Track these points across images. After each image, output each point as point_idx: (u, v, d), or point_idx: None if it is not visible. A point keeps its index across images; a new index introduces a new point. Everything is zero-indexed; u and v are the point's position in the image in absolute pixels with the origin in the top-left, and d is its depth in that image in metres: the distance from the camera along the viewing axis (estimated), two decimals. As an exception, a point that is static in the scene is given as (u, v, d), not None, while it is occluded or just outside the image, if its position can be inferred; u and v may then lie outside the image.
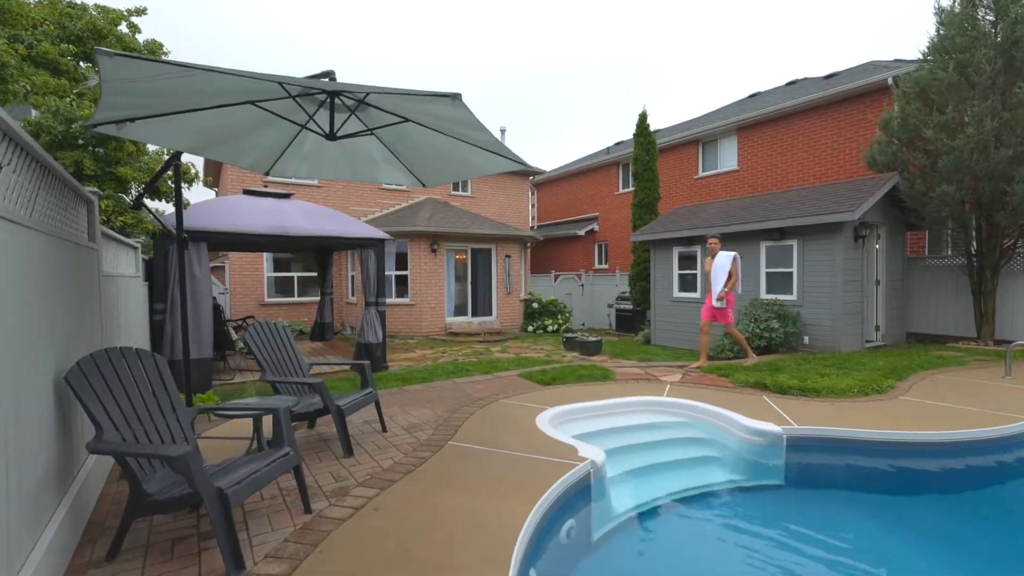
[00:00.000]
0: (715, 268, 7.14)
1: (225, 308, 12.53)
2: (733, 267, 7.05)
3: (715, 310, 7.21)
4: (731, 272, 7.04)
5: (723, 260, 7.12)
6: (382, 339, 8.12)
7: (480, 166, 4.04)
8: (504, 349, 10.71)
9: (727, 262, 7.08)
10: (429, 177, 4.61)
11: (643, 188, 13.49)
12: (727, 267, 7.06)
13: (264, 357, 3.72)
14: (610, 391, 5.52)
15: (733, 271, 7.05)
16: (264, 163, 4.25)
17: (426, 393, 5.57)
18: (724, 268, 7.07)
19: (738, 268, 7.14)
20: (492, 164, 3.89)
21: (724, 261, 7.11)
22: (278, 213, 7.74)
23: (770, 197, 10.11)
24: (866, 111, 11.76)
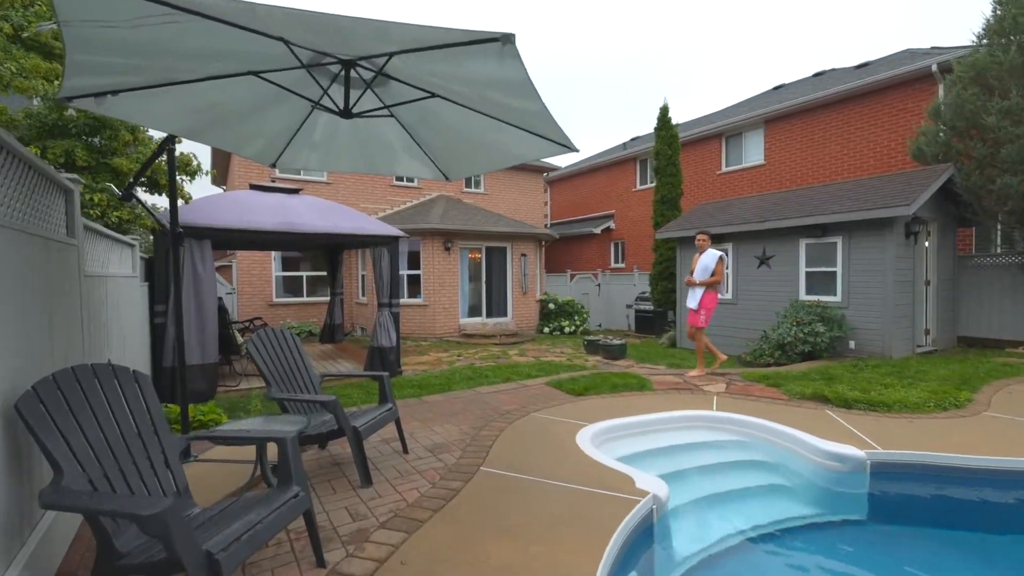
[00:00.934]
0: (699, 266, 6.59)
1: (232, 308, 12.13)
2: (718, 267, 6.47)
3: (690, 311, 6.70)
4: (715, 271, 6.46)
5: (708, 259, 6.53)
6: (396, 343, 7.64)
7: (517, 152, 3.51)
8: (522, 352, 10.20)
9: (711, 262, 6.48)
10: (454, 167, 4.10)
11: (665, 183, 12.90)
12: (711, 267, 6.47)
13: (270, 370, 3.23)
14: (650, 403, 4.99)
15: (717, 271, 6.47)
16: (270, 152, 3.76)
17: (448, 405, 5.06)
18: (707, 268, 6.49)
19: (723, 269, 6.59)
20: (531, 148, 3.35)
21: (708, 260, 6.52)
22: (287, 209, 7.28)
23: (807, 192, 9.50)
24: (906, 100, 11.09)
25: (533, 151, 3.42)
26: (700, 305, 6.53)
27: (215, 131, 3.28)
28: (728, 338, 9.57)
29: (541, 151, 3.39)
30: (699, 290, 6.56)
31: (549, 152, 3.37)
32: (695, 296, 6.60)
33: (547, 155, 3.45)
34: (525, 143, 3.33)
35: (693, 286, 6.62)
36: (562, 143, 3.12)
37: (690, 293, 6.71)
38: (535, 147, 3.33)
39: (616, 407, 4.85)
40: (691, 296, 6.68)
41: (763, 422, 4.24)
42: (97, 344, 3.33)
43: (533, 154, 3.47)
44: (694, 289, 6.62)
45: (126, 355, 4.37)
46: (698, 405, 4.86)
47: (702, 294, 6.52)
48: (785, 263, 8.67)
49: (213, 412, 4.47)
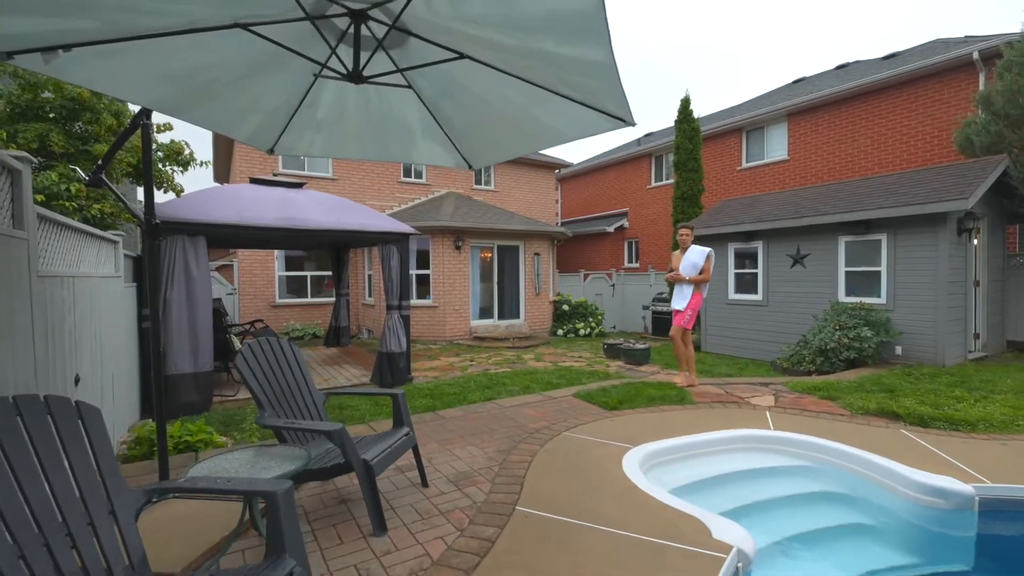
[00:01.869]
0: (685, 264, 5.99)
1: (233, 310, 11.64)
2: (707, 265, 5.90)
3: (676, 312, 6.10)
4: (703, 269, 5.89)
5: (695, 256, 5.94)
6: (406, 348, 7.11)
7: (559, 130, 2.93)
8: (538, 357, 9.64)
9: (699, 259, 5.90)
10: (480, 152, 3.55)
11: (686, 179, 12.29)
12: (699, 264, 5.89)
13: (263, 390, 2.68)
14: (695, 420, 4.42)
15: (706, 269, 5.90)
16: (267, 134, 3.22)
17: (468, 422, 4.50)
18: (695, 266, 5.90)
19: (711, 267, 5.99)
20: (578, 125, 2.78)
21: (696, 258, 5.93)
22: (289, 204, 6.76)
23: (844, 186, 8.89)
24: (942, 91, 10.47)
25: (579, 128, 2.84)
26: (688, 305, 5.94)
27: (200, 105, 2.73)
28: (757, 342, 8.99)
29: (589, 127, 2.80)
30: (687, 289, 5.94)
31: (598, 128, 2.78)
32: (683, 296, 6.00)
33: (594, 132, 2.86)
34: (571, 118, 2.77)
35: (680, 282, 6.01)
36: (617, 116, 2.57)
37: (677, 293, 6.11)
38: (583, 123, 2.76)
39: (658, 424, 4.29)
40: (678, 296, 6.08)
41: (835, 445, 3.66)
42: (58, 356, 2.81)
43: (578, 132, 2.89)
44: (681, 289, 6.02)
45: (103, 366, 3.84)
46: (751, 422, 4.29)
47: (691, 294, 5.93)
48: (821, 262, 8.07)
49: (203, 431, 3.94)
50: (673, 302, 6.15)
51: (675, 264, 6.18)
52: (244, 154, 11.83)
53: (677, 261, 6.16)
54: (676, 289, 6.12)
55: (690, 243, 6.08)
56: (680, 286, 6.06)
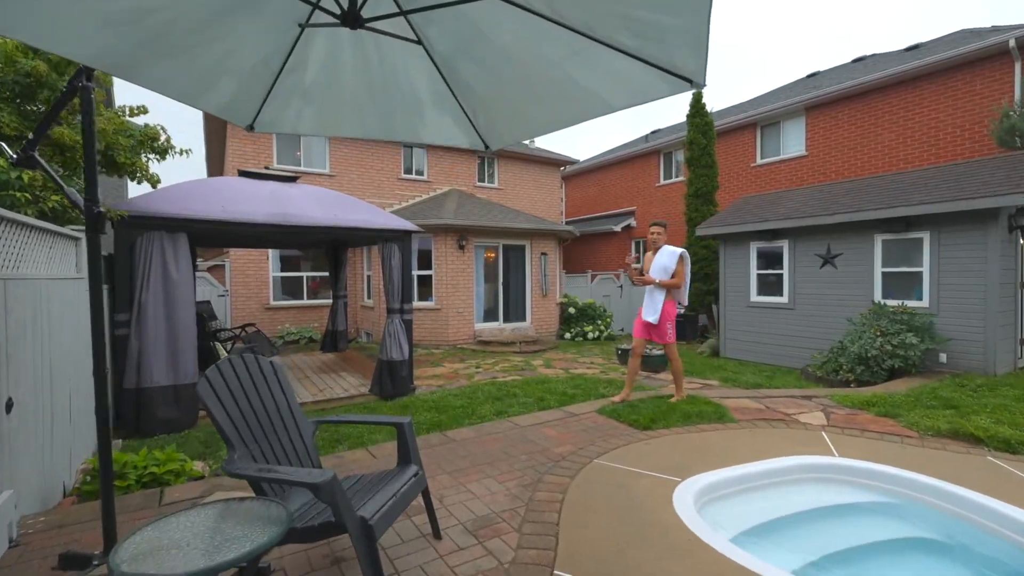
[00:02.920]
0: (655, 267, 5.21)
1: (225, 312, 11.04)
2: (679, 268, 5.14)
3: (647, 325, 5.23)
4: (675, 273, 5.13)
5: (666, 258, 5.18)
6: (408, 355, 6.54)
7: (603, 95, 2.33)
8: (547, 363, 9.07)
9: (671, 261, 5.15)
10: (501, 128, 2.97)
11: (699, 176, 11.75)
12: (671, 267, 5.13)
13: (233, 425, 2.10)
14: (743, 442, 3.85)
15: (678, 272, 5.13)
16: (243, 106, 2.64)
17: (482, 446, 3.92)
18: (666, 269, 5.14)
19: (685, 270, 5.19)
20: (629, 89, 2.20)
21: (667, 260, 5.16)
22: (282, 198, 6.19)
23: (876, 181, 8.34)
24: (974, 82, 9.90)
25: (629, 93, 2.25)
26: (661, 317, 5.12)
27: (152, 62, 2.14)
28: (783, 347, 8.43)
29: (641, 92, 2.20)
30: (659, 297, 5.14)
31: (653, 93, 2.17)
32: (654, 305, 5.15)
33: (648, 99, 2.26)
34: (620, 80, 2.21)
35: (649, 285, 5.19)
36: (683, 75, 2.00)
37: (647, 301, 5.24)
38: (635, 86, 2.18)
39: (700, 448, 3.72)
40: (649, 306, 5.21)
41: (920, 478, 3.09)
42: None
43: (627, 98, 2.29)
44: (652, 296, 5.19)
45: (55, 384, 3.26)
46: (809, 446, 3.72)
47: (663, 302, 5.13)
48: (855, 262, 7.51)
49: (173, 459, 3.36)
50: (643, 312, 5.24)
51: (645, 266, 5.37)
52: (237, 147, 11.25)
53: (648, 263, 5.35)
54: (647, 297, 5.26)
55: (662, 242, 5.31)
56: (651, 294, 5.21)
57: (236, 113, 2.70)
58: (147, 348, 4.78)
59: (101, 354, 2.36)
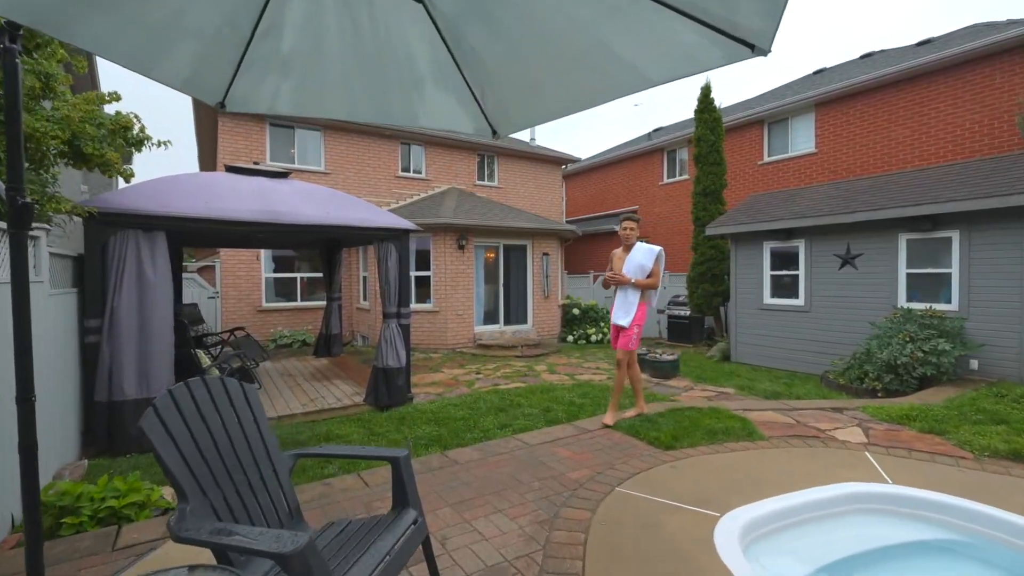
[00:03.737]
0: (629, 265, 4.59)
1: (215, 315, 10.61)
2: (655, 267, 4.58)
3: (616, 329, 4.66)
4: (652, 272, 4.55)
5: (642, 256, 4.58)
6: (405, 362, 6.12)
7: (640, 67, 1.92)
8: (551, 368, 8.66)
9: (647, 260, 4.55)
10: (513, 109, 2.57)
11: (708, 173, 11.34)
12: (647, 267, 4.53)
13: (187, 468, 1.67)
14: (779, 464, 3.45)
15: (655, 272, 4.56)
16: (210, 79, 2.22)
17: (488, 470, 3.50)
18: (643, 268, 4.53)
19: (661, 269, 4.65)
20: (674, 58, 1.80)
21: (643, 259, 4.56)
22: (271, 195, 5.77)
23: (898, 178, 7.96)
24: (994, 75, 9.54)
25: (674, 63, 1.84)
26: (633, 321, 4.55)
27: (88, 16, 1.73)
28: (798, 352, 8.04)
29: (691, 61, 1.79)
30: (632, 298, 4.53)
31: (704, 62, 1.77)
32: (627, 307, 4.55)
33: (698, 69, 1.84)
34: (663, 46, 1.81)
35: (624, 284, 4.54)
36: (745, 39, 1.60)
37: (619, 303, 4.62)
38: (682, 53, 1.78)
39: (733, 472, 3.31)
40: (621, 307, 4.60)
41: (997, 513, 2.68)
42: None
43: (672, 69, 1.87)
44: (625, 297, 4.57)
45: (4, 399, 2.83)
46: (854, 470, 3.32)
47: (637, 304, 4.54)
48: (877, 263, 7.13)
49: (137, 489, 2.92)
50: (614, 315, 4.66)
51: (616, 265, 4.78)
52: (229, 142, 10.81)
53: (619, 262, 4.75)
54: (619, 298, 4.65)
55: (634, 239, 4.72)
56: (624, 295, 4.60)
57: (202, 88, 2.27)
58: (119, 357, 4.36)
59: (27, 378, 1.93)
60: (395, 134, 12.78)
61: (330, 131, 12.02)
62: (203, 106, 10.43)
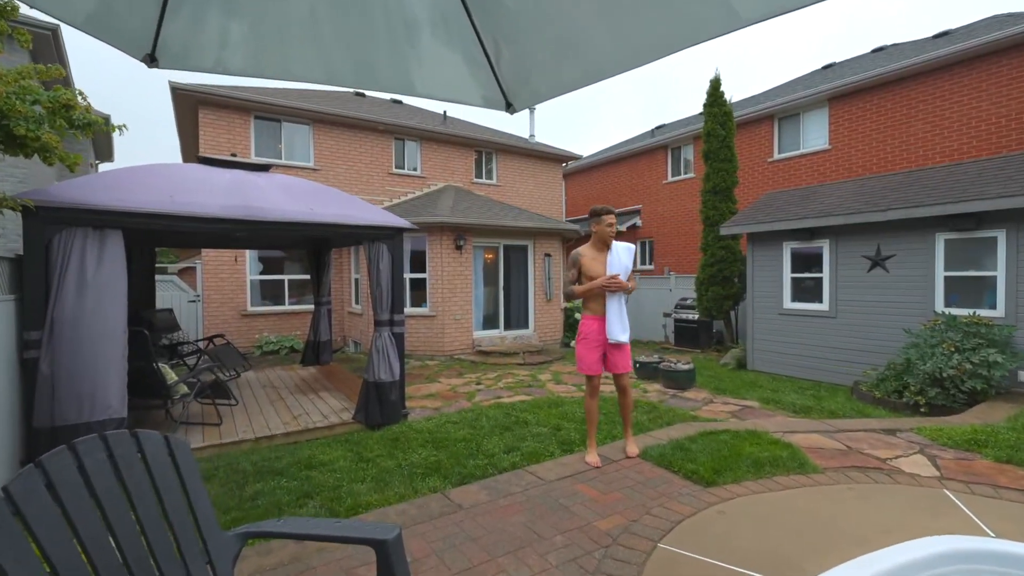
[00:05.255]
0: (618, 269, 3.76)
1: (196, 320, 9.95)
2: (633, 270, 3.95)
3: (614, 348, 3.80)
4: (631, 276, 3.88)
5: (627, 256, 3.83)
6: (399, 375, 5.51)
7: (703, 15, 1.38)
8: (556, 377, 8.07)
9: (628, 258, 3.83)
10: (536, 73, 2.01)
11: (717, 170, 10.79)
12: (629, 267, 3.81)
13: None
14: (844, 508, 2.87)
15: (632, 276, 3.91)
16: (127, 18, 1.63)
17: (498, 518, 2.90)
18: (628, 271, 3.80)
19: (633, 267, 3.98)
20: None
21: (629, 260, 3.83)
22: (247, 189, 5.14)
23: (929, 174, 7.43)
24: (1021, 67, 9.05)
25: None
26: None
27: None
28: (823, 360, 7.49)
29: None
30: (625, 308, 3.80)
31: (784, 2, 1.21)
32: (623, 319, 3.76)
33: (776, 11, 1.28)
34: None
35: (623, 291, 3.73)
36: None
37: (616, 315, 3.73)
38: None
39: (793, 518, 2.74)
40: (618, 321, 3.73)
41: None
42: None
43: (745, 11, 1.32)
44: (621, 307, 3.76)
45: None
46: (935, 513, 2.74)
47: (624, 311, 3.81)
48: (911, 265, 6.58)
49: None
50: (612, 330, 3.71)
51: (594, 267, 3.80)
52: (210, 136, 10.14)
53: (599, 264, 3.80)
54: (613, 309, 3.72)
55: (612, 235, 3.87)
56: (619, 305, 3.75)
57: (117, 31, 1.67)
58: (60, 375, 3.72)
59: None
60: (388, 128, 12.16)
61: (319, 124, 11.38)
62: (181, 94, 9.77)
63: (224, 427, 5.07)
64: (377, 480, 3.81)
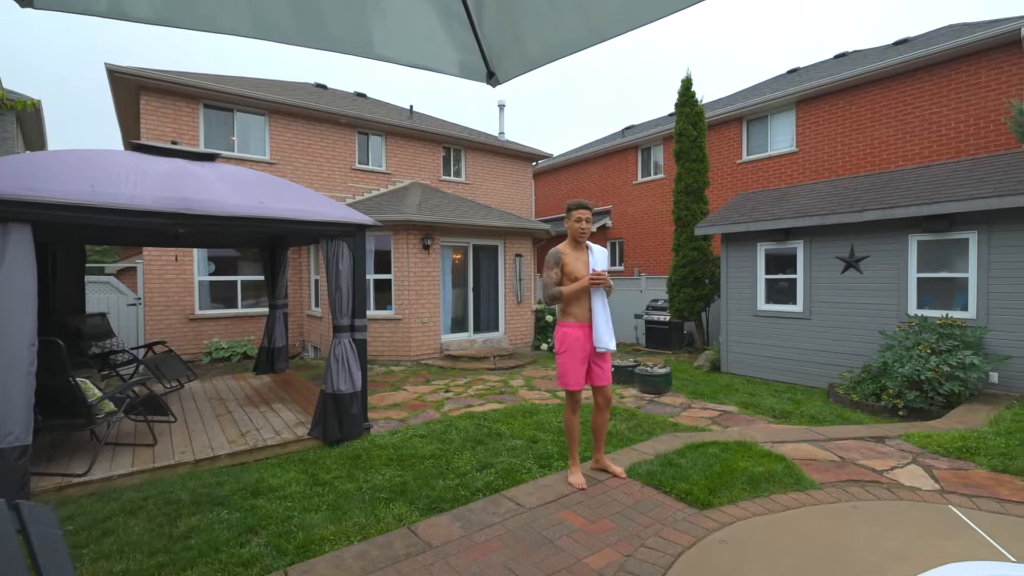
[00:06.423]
0: (595, 263, 3.46)
1: (136, 325, 9.11)
2: None
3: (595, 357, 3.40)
4: None
5: (604, 259, 3.50)
6: (360, 385, 5.05)
7: None
8: (529, 383, 7.73)
9: (604, 263, 3.48)
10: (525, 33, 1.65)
11: (689, 170, 10.70)
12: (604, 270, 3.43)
13: None
14: (851, 531, 2.63)
15: None
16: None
17: (475, 559, 2.51)
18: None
19: None
20: None
21: (603, 259, 3.49)
22: (186, 180, 4.57)
23: (902, 175, 7.46)
24: (978, 74, 9.30)
25: None
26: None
27: None
28: (797, 362, 7.42)
29: None
30: (608, 309, 3.41)
31: None
32: (610, 325, 3.38)
33: None
34: None
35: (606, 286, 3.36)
36: None
37: (602, 318, 3.34)
38: None
39: (801, 546, 2.47)
40: (605, 325, 3.34)
41: None
42: None
43: None
44: (606, 310, 3.38)
45: None
46: (946, 533, 2.53)
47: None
48: (884, 266, 6.56)
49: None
50: (600, 337, 3.31)
51: (577, 266, 3.41)
52: (153, 124, 9.31)
53: (581, 263, 3.43)
54: (598, 313, 3.33)
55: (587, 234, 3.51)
56: (605, 307, 3.38)
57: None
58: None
59: None
60: (351, 122, 11.56)
61: (276, 116, 10.68)
62: (120, 78, 8.93)
63: (159, 448, 4.50)
64: (334, 508, 3.37)
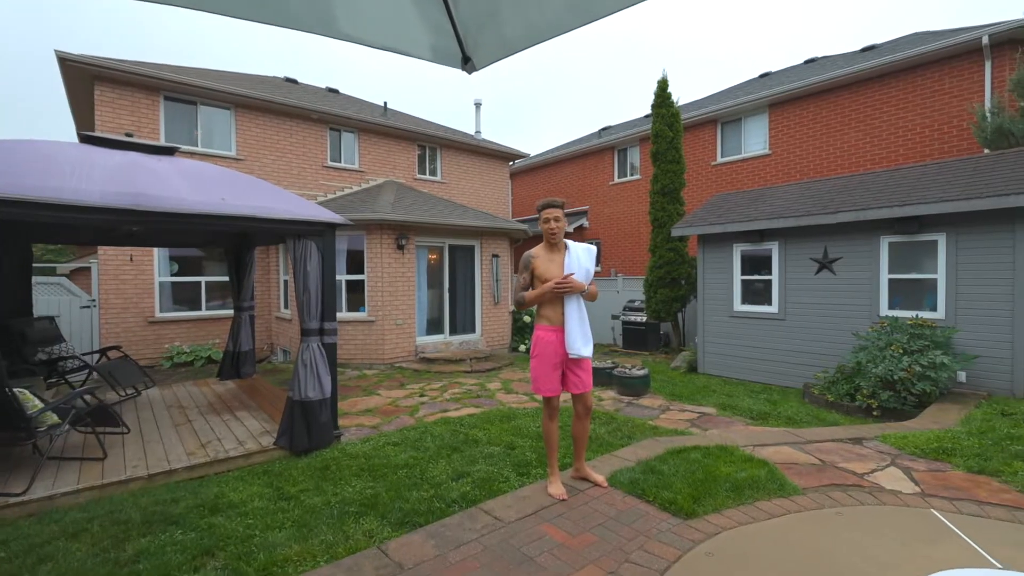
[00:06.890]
0: (575, 269, 3.24)
1: (91, 329, 8.61)
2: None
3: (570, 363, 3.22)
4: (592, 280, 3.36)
5: (588, 259, 3.31)
6: (330, 392, 4.82)
7: None
8: (506, 387, 7.59)
9: (589, 260, 3.31)
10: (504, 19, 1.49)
11: (666, 171, 10.73)
12: (591, 272, 3.28)
13: None
14: (837, 539, 2.57)
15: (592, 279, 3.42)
16: None
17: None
18: (590, 274, 3.26)
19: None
20: None
21: (589, 262, 3.30)
22: (140, 174, 4.28)
23: (872, 178, 7.58)
24: (943, 80, 9.58)
25: None
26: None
27: None
28: (772, 363, 7.48)
29: None
30: (584, 312, 3.24)
31: None
32: (586, 328, 3.22)
33: None
34: None
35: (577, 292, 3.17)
36: None
37: (576, 323, 3.17)
38: None
39: (790, 556, 2.39)
40: (580, 331, 3.18)
41: None
42: None
43: None
44: (581, 314, 3.21)
45: None
46: (931, 539, 2.49)
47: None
48: (857, 267, 6.65)
49: None
50: (571, 341, 3.14)
51: (548, 269, 3.24)
52: (109, 116, 8.82)
53: (555, 266, 3.25)
54: (571, 316, 3.16)
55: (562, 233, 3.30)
56: (580, 310, 3.21)
57: None
58: None
59: None
60: (323, 118, 11.22)
61: (243, 110, 10.27)
62: (72, 67, 8.42)
63: (109, 462, 4.18)
64: (300, 525, 3.15)
